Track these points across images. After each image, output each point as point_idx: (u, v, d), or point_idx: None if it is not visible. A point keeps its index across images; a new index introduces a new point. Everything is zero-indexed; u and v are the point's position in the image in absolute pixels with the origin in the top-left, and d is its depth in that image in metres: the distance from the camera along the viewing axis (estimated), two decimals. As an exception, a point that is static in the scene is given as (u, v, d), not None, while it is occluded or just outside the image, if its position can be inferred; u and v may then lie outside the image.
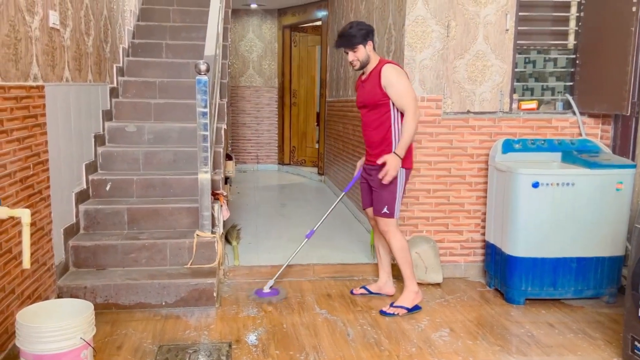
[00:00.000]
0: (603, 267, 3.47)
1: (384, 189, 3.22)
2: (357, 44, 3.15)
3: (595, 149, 3.68)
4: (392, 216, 3.26)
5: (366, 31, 3.16)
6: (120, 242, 3.52)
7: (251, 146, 8.96)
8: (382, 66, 3.15)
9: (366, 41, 3.16)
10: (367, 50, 3.17)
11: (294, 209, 5.96)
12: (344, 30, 3.21)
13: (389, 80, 3.11)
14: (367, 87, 3.23)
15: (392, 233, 3.29)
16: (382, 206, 3.25)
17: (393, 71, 3.12)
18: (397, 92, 3.11)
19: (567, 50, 4.03)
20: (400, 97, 3.11)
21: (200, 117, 3.54)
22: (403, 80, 3.13)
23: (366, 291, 3.60)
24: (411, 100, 3.10)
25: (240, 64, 8.78)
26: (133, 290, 3.29)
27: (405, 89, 3.12)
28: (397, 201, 3.24)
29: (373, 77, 3.19)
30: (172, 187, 4.03)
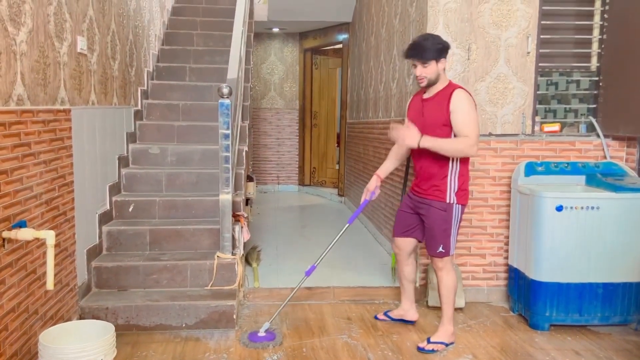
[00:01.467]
0: (630, 293, 3.39)
1: (438, 226, 3.05)
2: (430, 58, 2.91)
3: (621, 172, 3.62)
4: (448, 254, 3.09)
5: (442, 46, 2.93)
6: (141, 263, 3.55)
7: (272, 167, 9.02)
8: (454, 89, 2.93)
9: (440, 58, 2.92)
10: (438, 68, 2.94)
11: (314, 230, 5.95)
12: (418, 40, 2.97)
13: (459, 105, 2.88)
14: (431, 107, 3.00)
15: (447, 270, 3.14)
16: (438, 245, 3.07)
17: (465, 99, 2.91)
18: (463, 119, 2.88)
19: (590, 73, 4.00)
20: (465, 124, 2.88)
21: (222, 139, 3.58)
22: (474, 111, 2.92)
23: (388, 318, 3.52)
24: (473, 130, 2.87)
25: (262, 86, 8.89)
26: (154, 312, 3.31)
27: (471, 117, 2.89)
28: (452, 238, 3.07)
29: (441, 98, 2.96)
30: (193, 208, 4.06)
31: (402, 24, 4.47)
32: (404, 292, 3.48)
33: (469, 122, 2.88)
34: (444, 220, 3.04)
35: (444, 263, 3.13)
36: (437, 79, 2.98)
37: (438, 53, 2.91)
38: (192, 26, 6.01)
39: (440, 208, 3.03)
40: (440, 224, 3.04)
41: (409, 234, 3.28)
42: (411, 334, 3.32)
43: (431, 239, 3.11)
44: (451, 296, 3.16)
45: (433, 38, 2.97)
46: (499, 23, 3.81)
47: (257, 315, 3.59)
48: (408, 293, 3.46)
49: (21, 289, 2.51)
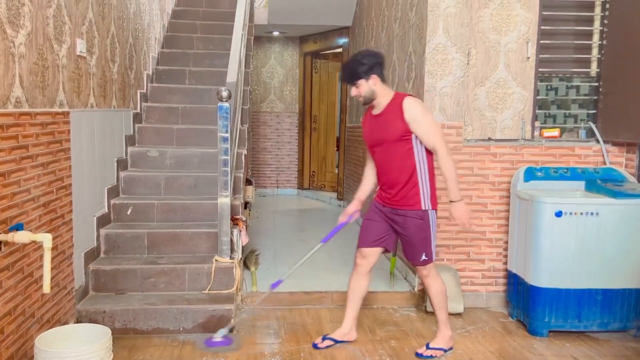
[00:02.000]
0: (630, 300, 3.38)
1: (415, 237, 2.98)
2: (357, 79, 2.89)
3: (620, 177, 3.61)
4: (431, 261, 3.04)
5: (369, 66, 2.87)
6: (139, 267, 3.54)
7: (271, 171, 9.01)
8: (402, 99, 2.88)
9: (369, 75, 2.87)
10: (370, 85, 2.89)
11: (313, 234, 5.94)
12: (346, 63, 3.01)
13: (413, 115, 2.84)
14: (384, 122, 2.93)
15: (433, 277, 3.09)
16: (420, 254, 3.01)
17: (418, 105, 2.88)
18: (424, 130, 2.86)
19: (589, 78, 4.00)
20: (428, 136, 2.87)
21: (221, 143, 3.57)
22: (429, 116, 2.92)
23: (332, 342, 3.20)
24: (440, 137, 2.88)
25: (261, 89, 8.89)
26: (151, 316, 3.29)
27: (431, 123, 2.89)
28: (432, 244, 3.03)
29: (392, 110, 2.90)
30: (192, 211, 4.05)
31: (402, 28, 4.47)
32: (350, 310, 3.22)
33: (430, 130, 2.87)
34: (422, 229, 2.97)
35: (429, 270, 3.07)
36: (374, 94, 2.92)
37: (365, 72, 2.87)
38: (192, 29, 6.02)
39: (417, 217, 2.95)
40: (419, 232, 2.97)
41: (379, 244, 3.13)
42: (410, 340, 3.30)
43: (412, 249, 3.03)
44: (443, 301, 3.12)
45: (362, 57, 2.92)
46: (499, 28, 3.81)
47: (254, 319, 3.58)
48: (354, 311, 3.22)
49: (18, 292, 2.50)
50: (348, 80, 2.97)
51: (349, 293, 3.23)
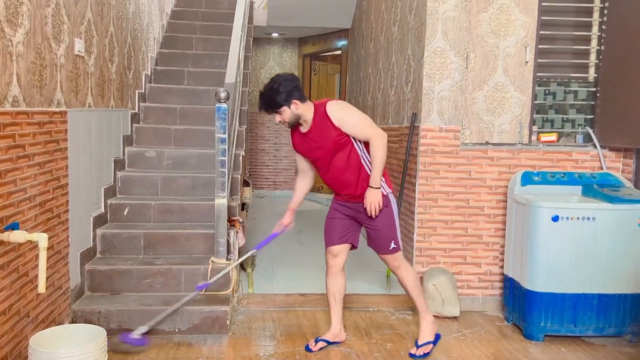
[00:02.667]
0: (625, 305, 3.38)
1: (382, 224, 2.99)
2: (279, 107, 2.88)
3: (617, 183, 3.62)
4: (400, 249, 3.07)
5: (287, 92, 2.84)
6: (135, 267, 3.53)
7: (269, 172, 9.01)
8: (324, 109, 2.88)
9: (289, 101, 2.86)
10: (292, 110, 2.88)
11: (310, 236, 5.93)
12: (265, 90, 2.92)
13: (339, 117, 2.86)
14: (318, 136, 2.92)
15: (404, 266, 3.13)
16: (389, 243, 3.03)
17: (339, 106, 2.92)
18: (353, 125, 2.88)
19: (587, 83, 4.00)
20: (358, 128, 2.89)
21: (219, 143, 3.57)
22: (351, 111, 2.95)
23: (325, 343, 3.20)
24: (369, 126, 2.89)
25: (260, 90, 8.88)
26: (147, 316, 3.27)
27: (358, 118, 2.91)
28: (398, 232, 3.06)
29: (320, 122, 2.90)
30: (189, 212, 4.05)
31: (401, 31, 4.48)
32: (334, 310, 3.23)
33: (358, 122, 2.90)
34: (388, 215, 3.00)
35: (399, 260, 3.09)
36: (296, 117, 2.91)
37: (285, 100, 2.85)
38: (192, 30, 6.02)
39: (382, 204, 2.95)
40: (386, 220, 2.99)
41: (345, 240, 3.15)
42: (405, 343, 3.30)
43: (380, 239, 3.04)
44: (418, 286, 3.16)
45: (278, 84, 2.87)
46: (498, 32, 3.82)
47: (250, 321, 3.57)
48: (338, 311, 3.24)
49: (13, 291, 2.49)
50: (269, 110, 2.93)
51: (329, 295, 3.24)
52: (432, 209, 3.82)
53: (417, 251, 3.86)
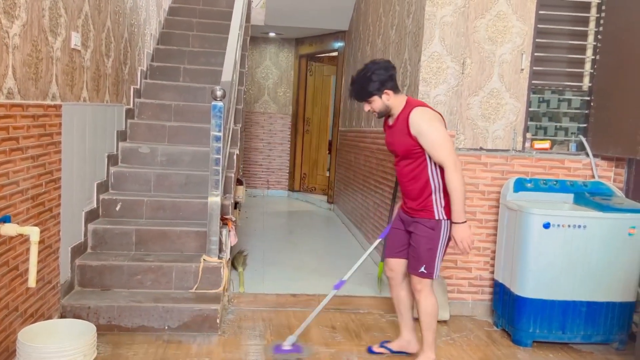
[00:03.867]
0: (613, 313, 3.40)
1: (423, 246, 2.83)
2: (370, 96, 2.79)
3: (608, 192, 3.65)
4: (431, 277, 2.85)
5: (380, 82, 2.75)
6: (126, 263, 3.52)
7: (262, 171, 9.00)
8: (409, 112, 2.74)
9: (381, 91, 2.76)
10: (383, 100, 2.79)
11: (302, 236, 5.94)
12: (357, 77, 2.81)
13: (418, 128, 2.70)
14: (396, 134, 2.82)
15: (426, 294, 2.89)
16: (420, 265, 2.84)
17: (423, 117, 2.72)
18: (430, 143, 2.69)
19: (581, 92, 4.04)
20: (435, 149, 2.69)
21: (214, 141, 3.57)
22: (435, 128, 2.70)
23: (387, 350, 3.17)
24: (448, 153, 2.67)
25: (255, 90, 8.88)
26: (136, 313, 3.27)
27: (440, 138, 2.68)
28: (437, 260, 2.83)
29: (401, 123, 2.78)
30: (181, 210, 4.03)
31: (399, 35, 4.49)
32: (402, 321, 3.16)
33: (437, 144, 2.69)
34: (430, 239, 2.82)
35: (423, 285, 2.88)
36: (387, 108, 2.82)
37: (377, 89, 2.76)
38: (189, 27, 6.00)
39: (428, 226, 2.82)
40: (426, 242, 2.83)
41: (402, 255, 3.01)
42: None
43: (414, 257, 2.89)
44: (431, 322, 2.93)
45: (372, 72, 2.77)
46: (494, 39, 3.84)
47: (240, 320, 3.56)
48: (406, 321, 3.15)
49: (2, 285, 2.47)
50: (360, 98, 2.84)
51: (395, 305, 3.18)
52: (424, 212, 3.83)
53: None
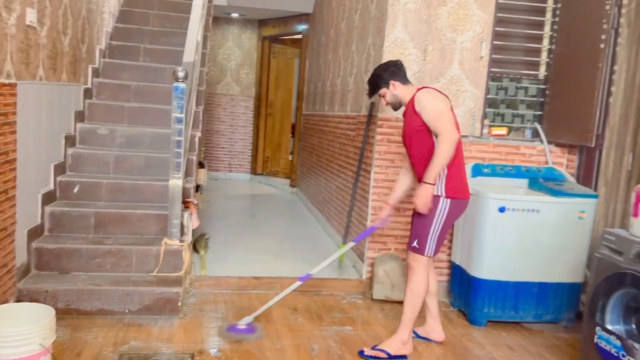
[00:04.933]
0: (563, 293, 3.57)
1: (419, 220, 2.90)
2: (379, 88, 3.01)
3: (561, 177, 3.79)
4: (422, 252, 2.89)
5: (387, 74, 2.97)
6: (85, 247, 3.46)
7: (224, 154, 8.93)
8: (415, 94, 2.90)
9: (388, 83, 2.96)
10: (391, 91, 2.97)
11: (264, 220, 5.95)
12: (369, 78, 3.08)
13: (421, 103, 2.83)
14: (406, 119, 2.98)
15: (417, 273, 2.91)
16: (413, 239, 2.92)
17: (426, 94, 2.86)
18: (431, 116, 2.79)
19: (538, 80, 4.16)
20: (434, 120, 2.78)
21: (175, 123, 3.53)
22: (437, 102, 2.82)
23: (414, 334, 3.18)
24: (447, 125, 2.75)
25: (217, 71, 8.76)
26: (96, 296, 3.23)
27: (439, 111, 2.79)
28: (430, 236, 2.86)
29: (409, 106, 2.94)
30: (141, 192, 3.98)
31: (362, 20, 4.51)
32: (427, 308, 3.21)
33: (435, 116, 2.78)
34: (427, 215, 2.85)
35: (416, 262, 2.91)
36: (398, 99, 2.99)
37: (384, 82, 2.98)
38: (149, 5, 5.85)
39: None
40: (423, 217, 2.87)
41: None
42: (355, 326, 3.38)
43: (411, 232, 2.98)
44: (414, 302, 2.93)
45: (376, 73, 3.03)
46: (455, 27, 3.91)
47: (202, 303, 3.57)
48: (431, 309, 3.21)
49: (-45, 268, 2.41)
50: (372, 92, 3.06)
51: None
52: (385, 196, 3.90)
53: (370, 237, 3.94)
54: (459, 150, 2.91)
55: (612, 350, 2.53)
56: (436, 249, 2.92)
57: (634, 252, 2.48)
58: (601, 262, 2.67)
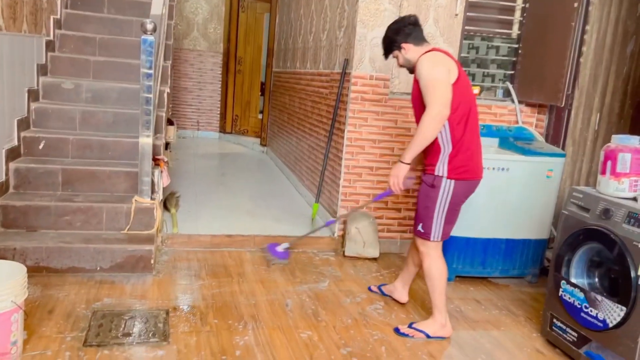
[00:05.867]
0: (529, 249, 3.69)
1: (421, 203, 2.75)
2: (390, 52, 2.78)
3: (530, 137, 3.86)
4: (427, 237, 2.74)
5: (393, 40, 2.72)
6: (53, 204, 3.38)
7: (192, 112, 8.74)
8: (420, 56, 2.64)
9: (400, 45, 2.71)
10: (403, 54, 2.72)
11: (234, 178, 5.91)
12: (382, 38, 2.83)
13: (419, 69, 2.58)
14: (413, 82, 2.72)
15: (430, 257, 2.78)
16: (418, 222, 2.76)
17: (427, 59, 2.58)
18: (424, 85, 2.54)
19: (510, 40, 4.17)
20: (425, 88, 2.53)
21: (144, 79, 3.42)
22: (434, 69, 2.54)
23: (379, 291, 3.30)
24: (436, 98, 2.48)
25: (184, 25, 8.48)
26: (66, 254, 3.18)
27: (433, 79, 2.51)
28: (434, 220, 2.70)
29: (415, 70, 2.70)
30: (110, 149, 3.88)
31: (336, -26, 4.40)
32: (401, 273, 3.21)
33: (426, 84, 2.53)
34: (427, 196, 2.70)
35: (426, 248, 2.78)
36: (411, 62, 2.72)
37: (396, 45, 2.73)
38: (112, -47, 5.57)
39: (428, 183, 2.71)
40: (424, 199, 2.73)
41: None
42: (328, 283, 3.43)
43: (415, 215, 2.83)
44: (434, 285, 2.78)
45: (386, 34, 2.78)
46: (431, -17, 3.86)
47: (175, 260, 3.56)
48: (405, 275, 3.17)
49: None
50: (385, 55, 2.84)
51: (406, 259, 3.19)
52: (359, 155, 3.91)
53: (343, 195, 3.96)
54: (469, 126, 2.62)
55: (576, 303, 2.65)
56: (444, 232, 2.74)
57: (600, 208, 2.56)
58: (568, 219, 2.75)
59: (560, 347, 2.78)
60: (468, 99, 2.63)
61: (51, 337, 2.50)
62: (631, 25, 3.97)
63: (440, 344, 2.79)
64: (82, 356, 2.38)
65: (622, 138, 2.59)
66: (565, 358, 2.73)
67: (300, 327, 2.82)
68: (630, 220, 2.41)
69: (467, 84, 2.65)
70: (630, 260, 2.38)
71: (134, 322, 2.71)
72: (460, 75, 2.60)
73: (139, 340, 2.55)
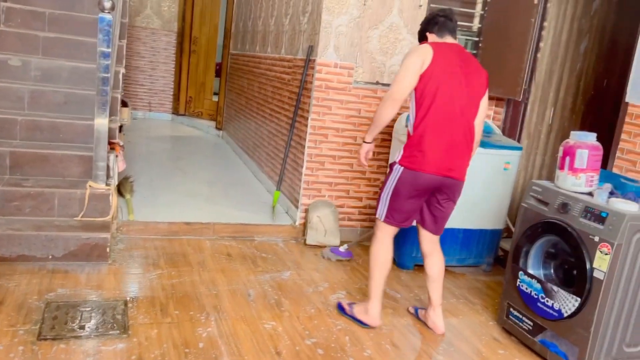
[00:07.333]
0: (485, 239, 3.79)
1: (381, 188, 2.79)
2: (422, 38, 2.77)
3: (488, 129, 3.94)
4: (380, 218, 2.77)
5: (421, 29, 2.78)
6: (0, 188, 3.20)
7: (144, 92, 8.47)
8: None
9: (424, 35, 2.74)
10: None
11: (191, 163, 5.78)
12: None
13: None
14: None
15: (376, 238, 2.82)
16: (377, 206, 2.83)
17: (412, 49, 2.68)
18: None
19: (471, 33, 4.23)
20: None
21: (102, 58, 3.27)
22: (408, 56, 2.61)
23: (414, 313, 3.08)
24: (394, 82, 2.61)
25: (137, 2, 8.17)
26: (15, 242, 3.03)
27: (403, 63, 2.61)
28: (381, 198, 2.73)
29: None
30: (61, 131, 3.71)
31: (300, -43, 4.33)
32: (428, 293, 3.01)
33: (397, 71, 2.65)
34: (385, 181, 2.74)
35: (376, 227, 2.82)
36: None
37: (422, 34, 2.77)
38: None
39: (389, 168, 2.77)
40: (383, 184, 2.77)
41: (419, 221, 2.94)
42: (290, 272, 3.42)
43: None
44: (373, 269, 2.79)
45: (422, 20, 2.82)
46: (397, -28, 3.85)
47: (131, 248, 3.45)
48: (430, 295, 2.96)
49: None
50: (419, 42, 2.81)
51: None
52: (321, 144, 3.89)
53: (305, 184, 3.94)
54: (431, 118, 2.58)
55: (532, 293, 2.74)
56: (387, 214, 2.72)
57: (558, 202, 2.65)
58: (527, 212, 2.83)
59: (516, 335, 2.88)
60: (436, 91, 2.56)
61: (2, 330, 2.38)
62: (585, 24, 4.11)
63: (402, 334, 2.84)
64: (37, 350, 2.28)
65: (580, 135, 2.67)
66: (520, 346, 2.83)
67: (263, 317, 2.80)
68: (586, 215, 2.50)
69: (444, 79, 2.57)
70: (586, 253, 2.47)
71: (91, 313, 2.61)
72: (436, 68, 2.55)
73: (97, 333, 2.46)
